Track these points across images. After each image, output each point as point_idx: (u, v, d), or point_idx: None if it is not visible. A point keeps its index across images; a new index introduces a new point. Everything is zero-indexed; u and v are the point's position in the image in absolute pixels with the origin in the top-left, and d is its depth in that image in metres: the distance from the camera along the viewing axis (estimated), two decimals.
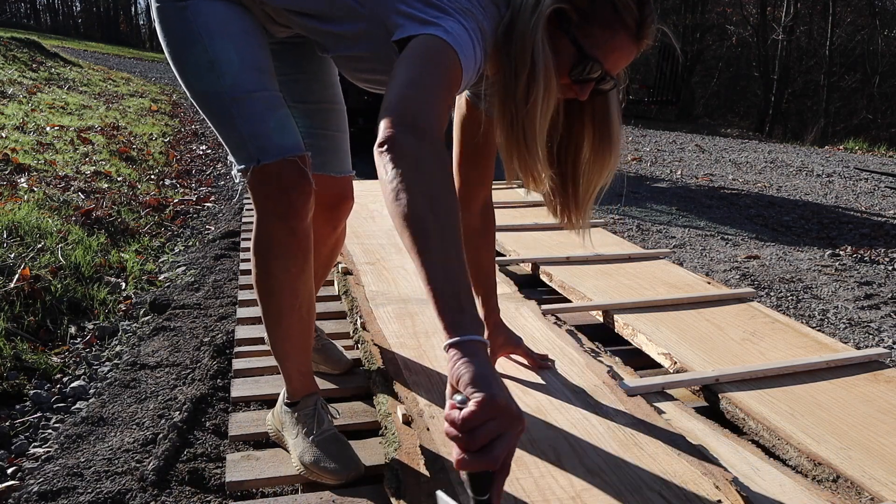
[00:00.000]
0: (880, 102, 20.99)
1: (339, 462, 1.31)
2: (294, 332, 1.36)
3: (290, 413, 1.41)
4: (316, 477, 1.32)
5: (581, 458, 1.28)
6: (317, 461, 1.32)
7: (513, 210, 3.47)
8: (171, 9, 1.19)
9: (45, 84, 9.64)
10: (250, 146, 1.20)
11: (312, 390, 1.43)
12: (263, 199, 1.24)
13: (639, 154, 8.60)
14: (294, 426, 1.39)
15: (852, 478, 1.30)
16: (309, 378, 1.43)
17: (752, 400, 1.59)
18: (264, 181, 1.21)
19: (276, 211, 1.23)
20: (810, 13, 21.84)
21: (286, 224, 1.23)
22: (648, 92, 16.79)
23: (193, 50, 1.18)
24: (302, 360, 1.40)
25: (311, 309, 1.37)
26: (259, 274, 1.30)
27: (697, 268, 3.65)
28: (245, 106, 1.19)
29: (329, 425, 1.39)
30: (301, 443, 1.36)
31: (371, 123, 5.85)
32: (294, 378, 1.40)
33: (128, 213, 4.04)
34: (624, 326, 2.04)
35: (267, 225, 1.25)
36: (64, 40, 25.39)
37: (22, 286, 2.58)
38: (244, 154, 1.21)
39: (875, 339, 2.75)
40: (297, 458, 1.36)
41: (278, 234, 1.25)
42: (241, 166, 1.22)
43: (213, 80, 1.18)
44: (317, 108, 1.47)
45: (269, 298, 1.32)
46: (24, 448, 1.78)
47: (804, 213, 5.36)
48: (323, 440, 1.35)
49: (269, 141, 1.20)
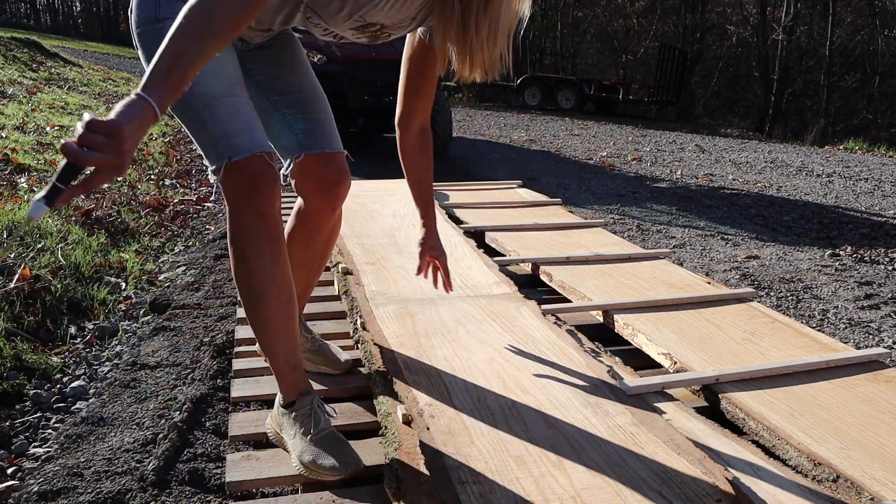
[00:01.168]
0: (880, 102, 21.00)
1: (338, 459, 1.33)
2: (277, 322, 1.39)
3: (286, 414, 1.42)
4: (315, 475, 1.33)
5: (581, 458, 1.28)
6: (315, 459, 1.34)
7: (513, 210, 3.47)
8: (150, 30, 1.31)
9: (45, 84, 9.64)
10: (221, 145, 1.31)
11: (306, 388, 1.44)
12: (233, 190, 1.33)
13: (639, 154, 8.60)
14: (292, 427, 1.41)
15: (852, 478, 1.30)
16: (301, 374, 1.44)
17: (752, 400, 1.59)
18: (234, 175, 1.32)
19: (246, 198, 1.33)
20: (810, 13, 21.84)
21: (255, 208, 1.33)
22: (648, 92, 16.83)
23: None
24: (290, 354, 1.42)
25: (291, 299, 1.41)
26: (236, 264, 1.37)
27: (697, 268, 3.65)
28: (215, 110, 1.31)
29: (326, 424, 1.40)
30: (299, 443, 1.38)
31: (371, 123, 5.92)
32: (286, 374, 1.42)
33: (128, 213, 4.04)
34: (624, 326, 2.04)
35: (238, 213, 1.35)
36: (64, 40, 25.39)
37: (22, 286, 2.58)
38: (215, 153, 1.32)
39: (875, 339, 2.75)
40: (296, 458, 1.37)
41: (250, 220, 1.34)
42: (213, 166, 1.32)
43: (187, 90, 1.24)
44: (298, 97, 1.58)
45: (249, 285, 1.37)
46: (24, 448, 1.78)
47: (804, 213, 5.36)
48: (321, 439, 1.37)
49: (238, 140, 1.31)
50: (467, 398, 1.49)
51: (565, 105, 15.92)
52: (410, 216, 3.10)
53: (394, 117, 1.70)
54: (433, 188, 1.83)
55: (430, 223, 1.81)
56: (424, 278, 1.83)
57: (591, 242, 2.90)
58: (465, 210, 3.44)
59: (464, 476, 1.21)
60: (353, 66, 6.66)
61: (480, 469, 1.23)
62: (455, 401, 1.48)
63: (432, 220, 1.82)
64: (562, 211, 3.48)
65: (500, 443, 1.33)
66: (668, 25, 22.97)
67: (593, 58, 25.97)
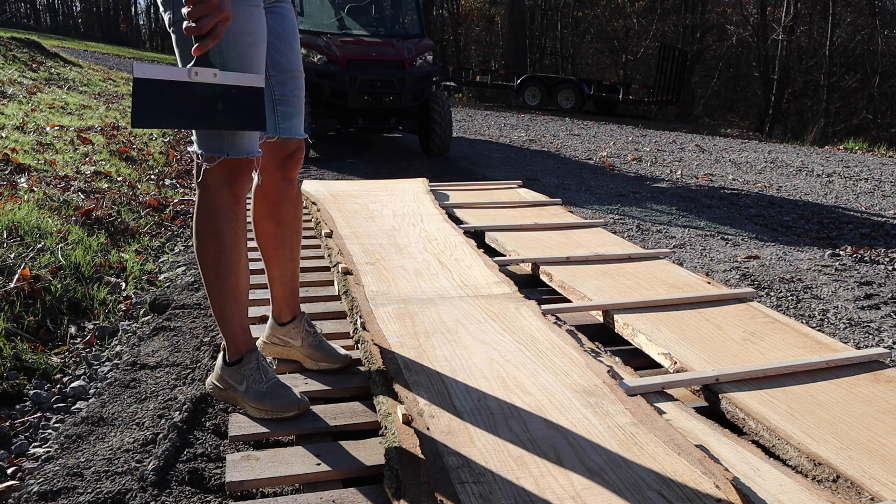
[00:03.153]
0: (880, 102, 21.00)
1: (291, 400, 1.59)
2: (241, 291, 1.58)
3: (234, 370, 1.62)
4: (274, 414, 1.56)
5: (581, 458, 1.28)
6: (275, 402, 1.57)
7: (513, 210, 3.47)
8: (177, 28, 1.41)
9: (45, 84, 9.64)
10: (225, 141, 1.45)
11: (252, 346, 1.64)
12: (217, 174, 1.48)
13: (639, 154, 8.60)
14: (242, 380, 1.61)
15: (852, 478, 1.30)
16: (248, 333, 1.65)
17: (752, 400, 1.59)
18: (223, 165, 1.47)
19: (225, 181, 1.49)
20: (810, 13, 21.84)
21: (231, 190, 1.50)
22: (648, 92, 16.81)
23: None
24: (243, 318, 1.62)
25: (247, 270, 1.62)
26: (208, 240, 1.52)
27: (697, 268, 3.65)
28: None
29: (272, 375, 1.63)
30: (253, 391, 1.59)
31: (371, 123, 5.92)
32: (239, 335, 1.62)
33: (128, 213, 4.04)
34: (624, 326, 2.04)
35: (215, 193, 1.50)
36: (64, 40, 25.39)
37: (22, 286, 2.58)
38: (216, 144, 1.45)
39: (875, 339, 2.75)
40: (253, 405, 1.58)
41: (226, 201, 1.51)
42: (208, 152, 1.46)
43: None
44: (290, 76, 1.70)
45: (220, 259, 1.53)
46: (24, 448, 1.78)
47: (804, 213, 5.36)
48: (272, 386, 1.60)
49: (241, 140, 1.47)
50: (467, 398, 1.49)
51: (565, 105, 15.91)
52: (410, 216, 3.10)
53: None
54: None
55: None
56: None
57: (591, 242, 2.90)
58: (465, 210, 3.44)
59: (464, 476, 1.21)
60: (352, 66, 6.66)
61: (480, 469, 1.24)
62: (455, 401, 1.48)
63: None
64: (562, 211, 3.48)
65: (499, 443, 1.33)
66: (668, 25, 22.97)
67: (593, 58, 25.97)
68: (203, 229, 1.52)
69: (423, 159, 7.11)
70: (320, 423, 1.57)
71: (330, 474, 1.39)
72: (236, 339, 1.62)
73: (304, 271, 2.55)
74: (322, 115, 6.74)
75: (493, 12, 25.59)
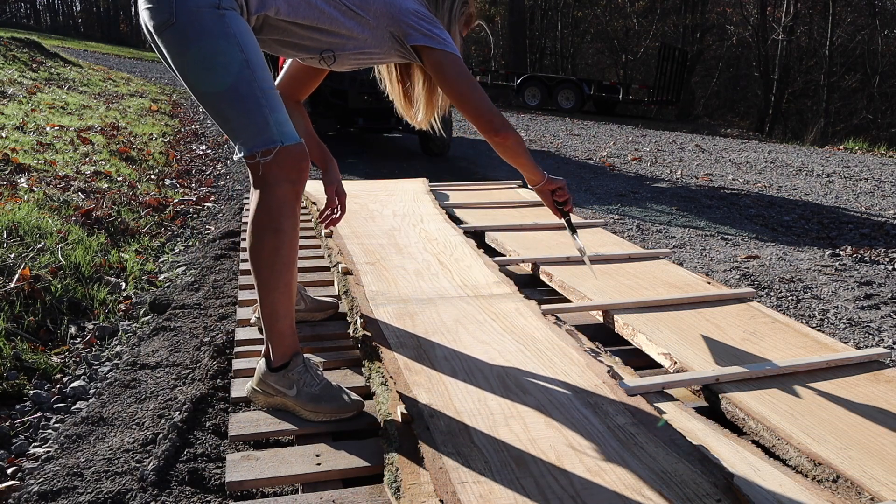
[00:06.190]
0: (880, 102, 21.00)
1: (348, 400, 1.58)
2: (292, 289, 1.57)
3: (281, 375, 1.57)
4: (333, 416, 1.55)
5: (581, 458, 1.28)
6: (333, 405, 1.56)
7: (513, 210, 3.47)
8: (211, 14, 1.40)
9: (45, 84, 9.64)
10: (275, 130, 1.44)
11: (297, 349, 1.61)
12: (278, 170, 1.47)
13: (639, 154, 8.60)
14: (291, 385, 1.57)
15: (852, 478, 1.30)
16: (296, 336, 1.62)
17: (752, 400, 1.59)
18: (283, 157, 1.46)
19: (290, 178, 1.48)
20: (810, 13, 21.85)
21: (295, 188, 1.50)
22: (648, 92, 16.82)
23: (231, 49, 1.41)
24: (292, 318, 1.60)
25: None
26: (269, 236, 1.50)
27: (697, 268, 3.65)
28: (271, 97, 1.45)
29: (322, 376, 1.61)
30: (306, 395, 1.56)
31: (371, 123, 5.89)
32: (287, 336, 1.58)
33: (128, 213, 4.04)
34: (624, 326, 2.04)
35: (279, 190, 1.49)
36: (64, 40, 25.39)
37: (22, 286, 2.58)
38: (266, 136, 1.44)
39: (875, 339, 2.75)
40: (309, 409, 1.55)
41: (289, 197, 1.50)
42: (262, 147, 1.44)
43: (248, 74, 1.42)
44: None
45: (279, 254, 1.51)
46: (24, 448, 1.78)
47: (804, 213, 5.36)
48: (324, 387, 1.58)
49: (289, 127, 1.48)
50: (467, 398, 1.49)
51: (565, 105, 15.91)
52: (410, 216, 3.10)
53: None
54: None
55: (333, 164, 2.05)
56: (329, 214, 2.03)
57: (591, 242, 2.90)
58: (465, 210, 3.44)
59: (464, 476, 1.21)
60: None
61: (480, 469, 1.23)
62: (455, 401, 1.48)
63: (334, 161, 2.06)
64: None
65: (499, 443, 1.33)
66: (668, 25, 22.97)
67: (593, 58, 25.98)
68: (264, 225, 1.50)
69: (423, 159, 7.11)
70: (320, 423, 1.57)
71: (330, 474, 1.39)
72: (285, 340, 1.58)
73: (304, 271, 2.55)
74: (322, 115, 6.74)
75: (493, 12, 25.59)
